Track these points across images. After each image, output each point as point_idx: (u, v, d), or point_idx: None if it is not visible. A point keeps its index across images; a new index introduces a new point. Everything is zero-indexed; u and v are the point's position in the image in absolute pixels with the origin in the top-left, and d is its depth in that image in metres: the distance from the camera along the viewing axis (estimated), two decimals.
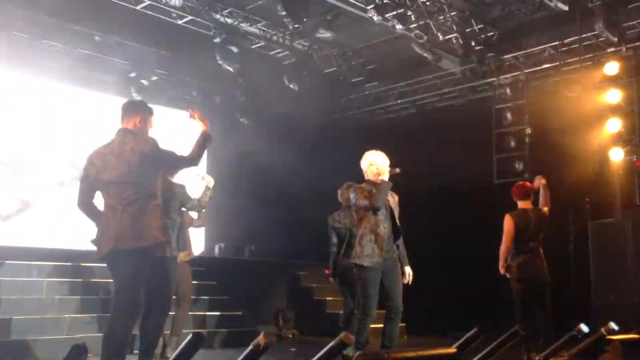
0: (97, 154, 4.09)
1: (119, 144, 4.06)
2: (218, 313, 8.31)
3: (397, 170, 5.16)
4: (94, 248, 4.05)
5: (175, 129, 8.94)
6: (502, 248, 6.08)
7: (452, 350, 3.17)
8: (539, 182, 6.29)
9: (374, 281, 4.90)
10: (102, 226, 3.97)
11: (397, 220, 5.13)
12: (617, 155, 8.68)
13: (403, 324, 8.90)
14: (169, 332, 6.10)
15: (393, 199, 5.20)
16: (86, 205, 4.10)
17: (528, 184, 6.33)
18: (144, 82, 9.81)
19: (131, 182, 3.95)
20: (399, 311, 4.95)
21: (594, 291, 8.17)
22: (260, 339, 2.45)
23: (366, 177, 5.20)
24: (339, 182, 5.65)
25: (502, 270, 6.10)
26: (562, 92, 9.14)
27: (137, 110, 4.24)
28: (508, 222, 6.09)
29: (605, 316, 5.67)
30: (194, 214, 6.18)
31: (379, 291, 4.95)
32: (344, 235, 6.55)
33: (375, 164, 5.13)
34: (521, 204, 6.19)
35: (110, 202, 3.97)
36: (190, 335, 2.39)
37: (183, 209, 5.33)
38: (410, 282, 5.19)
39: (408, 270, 5.18)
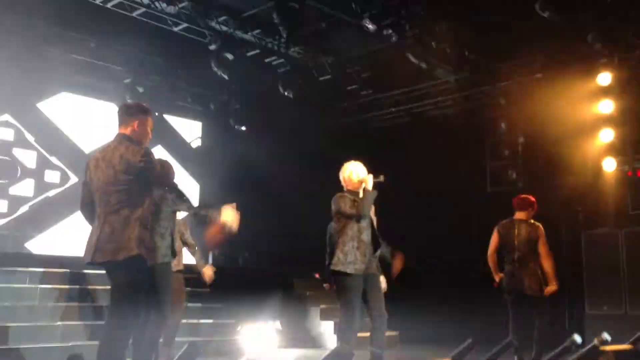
0: (93, 159, 4.00)
1: (112, 149, 3.93)
2: (211, 321, 8.28)
3: (382, 178, 5.14)
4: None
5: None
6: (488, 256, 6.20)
7: None
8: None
9: (357, 289, 4.87)
10: (89, 234, 3.90)
11: (376, 230, 5.11)
12: (610, 165, 8.73)
13: (396, 333, 8.95)
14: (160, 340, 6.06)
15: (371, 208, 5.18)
16: (85, 210, 4.02)
17: (531, 198, 6.27)
18: (139, 88, 9.81)
19: (115, 190, 3.81)
20: (385, 319, 4.92)
21: (588, 302, 8.19)
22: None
23: (346, 187, 5.18)
24: (333, 189, 5.64)
25: (496, 279, 6.14)
26: (556, 101, 9.19)
27: (133, 114, 4.06)
28: (493, 232, 6.20)
29: (599, 327, 5.69)
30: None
31: (363, 301, 4.93)
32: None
33: (357, 173, 5.12)
34: (517, 215, 6.21)
35: (98, 210, 3.87)
36: (186, 345, 2.39)
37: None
38: (385, 291, 5.14)
39: (382, 278, 5.15)
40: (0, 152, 9.12)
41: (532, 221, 6.14)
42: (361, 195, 5.02)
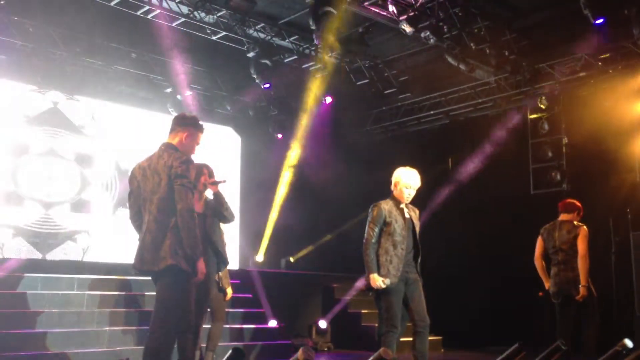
0: (139, 168, 4.05)
1: (157, 157, 3.99)
2: (253, 326, 8.34)
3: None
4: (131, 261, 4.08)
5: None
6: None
7: None
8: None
9: (395, 297, 4.84)
10: (139, 243, 3.97)
11: (418, 236, 5.05)
12: None
13: (440, 338, 8.85)
14: (204, 345, 6.13)
15: (414, 214, 5.11)
16: (133, 220, 4.08)
17: (577, 203, 6.16)
18: (179, 97, 9.96)
19: (157, 197, 3.88)
20: (426, 324, 4.88)
21: (638, 304, 7.96)
22: (300, 354, 2.47)
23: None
24: (374, 194, 5.61)
25: (545, 285, 6.14)
26: (599, 100, 8.98)
27: (185, 125, 4.11)
28: (537, 242, 6.18)
29: None
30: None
31: (404, 306, 4.91)
32: None
33: (399, 181, 5.03)
34: (561, 216, 6.13)
35: (144, 218, 3.95)
36: (231, 350, 2.40)
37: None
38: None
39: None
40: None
41: (575, 222, 6.03)
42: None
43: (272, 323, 8.50)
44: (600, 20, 7.62)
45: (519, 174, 9.56)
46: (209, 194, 5.38)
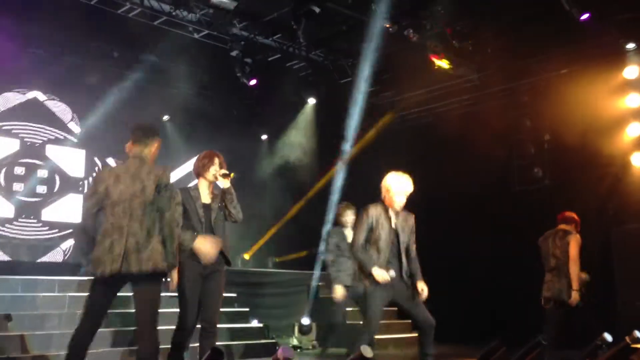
0: (111, 174, 4.08)
1: (136, 166, 4.06)
2: (238, 325, 8.30)
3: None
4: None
5: None
6: None
7: None
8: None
9: (379, 300, 4.88)
10: (105, 245, 3.93)
11: (411, 244, 5.04)
12: (638, 160, 8.55)
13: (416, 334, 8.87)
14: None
15: (406, 222, 5.07)
16: (90, 219, 4.06)
17: (575, 216, 6.35)
18: None
19: (139, 202, 3.95)
20: (431, 325, 4.89)
21: (619, 299, 8.03)
22: (279, 354, 2.45)
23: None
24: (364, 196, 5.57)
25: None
26: (582, 97, 9.02)
27: (153, 137, 4.22)
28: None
29: (631, 325, 5.57)
30: None
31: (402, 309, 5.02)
32: None
33: (389, 189, 4.99)
34: (559, 226, 6.33)
35: (114, 221, 3.95)
36: (209, 350, 2.38)
37: None
38: (425, 297, 5.07)
39: (421, 285, 5.04)
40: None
41: (571, 231, 6.22)
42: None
43: (254, 322, 8.49)
44: (585, 16, 7.68)
45: (502, 171, 9.60)
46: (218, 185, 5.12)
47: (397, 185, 4.92)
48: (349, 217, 6.69)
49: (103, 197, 4.00)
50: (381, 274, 4.77)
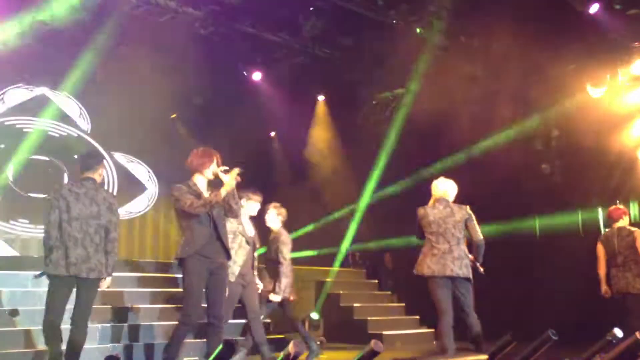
0: (70, 191, 4.74)
1: (93, 189, 4.81)
2: (245, 320, 8.30)
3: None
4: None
5: None
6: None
7: (483, 357, 3.13)
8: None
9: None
10: (62, 252, 4.68)
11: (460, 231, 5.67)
12: None
13: (432, 330, 8.86)
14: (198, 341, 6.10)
15: (457, 213, 5.75)
16: (56, 229, 4.69)
17: (619, 208, 6.79)
18: None
19: (95, 223, 4.76)
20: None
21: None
22: (290, 347, 2.46)
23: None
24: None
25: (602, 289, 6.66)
26: (589, 92, 8.99)
27: (99, 162, 4.97)
28: (597, 248, 6.71)
29: None
30: None
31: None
32: None
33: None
34: (616, 224, 6.64)
35: (70, 232, 4.69)
36: (221, 344, 2.39)
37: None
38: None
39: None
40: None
41: (629, 227, 6.62)
42: None
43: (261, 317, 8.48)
44: (595, 8, 7.68)
45: (509, 168, 9.57)
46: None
47: (435, 190, 5.82)
48: None
49: (64, 211, 4.69)
50: None
